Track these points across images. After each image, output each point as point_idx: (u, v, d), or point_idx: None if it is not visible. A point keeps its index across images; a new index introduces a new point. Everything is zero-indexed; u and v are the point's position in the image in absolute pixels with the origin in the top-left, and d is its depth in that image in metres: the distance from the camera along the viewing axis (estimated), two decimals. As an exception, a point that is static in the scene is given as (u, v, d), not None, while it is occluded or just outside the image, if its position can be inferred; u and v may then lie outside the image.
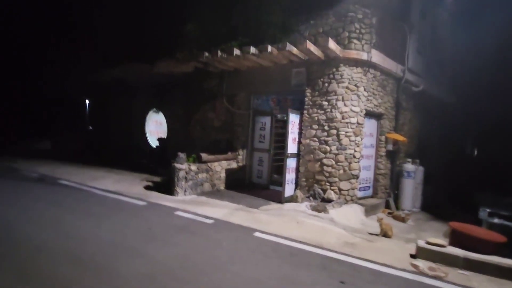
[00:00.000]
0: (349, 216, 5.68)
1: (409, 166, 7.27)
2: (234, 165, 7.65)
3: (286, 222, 4.97)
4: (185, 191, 6.34)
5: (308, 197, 6.30)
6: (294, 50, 5.73)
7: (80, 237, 3.75)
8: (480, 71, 9.98)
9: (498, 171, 9.43)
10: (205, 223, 4.70)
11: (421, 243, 3.90)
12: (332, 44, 5.51)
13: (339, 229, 4.92)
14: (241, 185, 7.64)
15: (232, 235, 4.24)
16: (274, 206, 5.92)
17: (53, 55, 11.23)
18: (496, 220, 4.28)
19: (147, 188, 6.85)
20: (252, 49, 6.07)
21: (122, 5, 8.17)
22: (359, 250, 4.00)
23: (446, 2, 8.68)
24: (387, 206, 7.15)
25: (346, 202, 6.09)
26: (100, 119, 12.14)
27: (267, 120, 7.66)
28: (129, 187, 6.83)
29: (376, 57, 6.21)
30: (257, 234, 4.32)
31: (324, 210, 5.56)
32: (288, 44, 5.67)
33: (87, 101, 12.86)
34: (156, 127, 10.38)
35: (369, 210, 6.25)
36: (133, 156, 10.00)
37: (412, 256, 3.90)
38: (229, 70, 7.59)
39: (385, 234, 4.86)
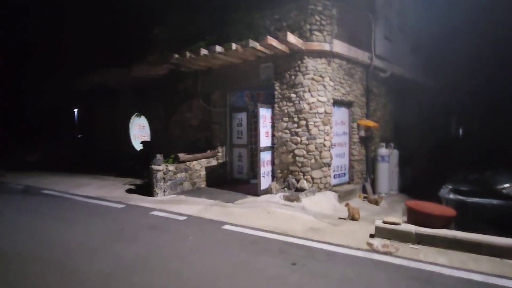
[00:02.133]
0: (322, 203, 5.88)
1: (382, 151, 7.47)
2: (214, 162, 7.83)
3: (257, 214, 5.17)
4: (164, 191, 6.52)
5: (283, 188, 6.49)
6: (257, 46, 5.87)
7: (51, 241, 3.94)
8: (458, 51, 10.14)
9: (486, 151, 9.58)
10: (178, 220, 4.89)
11: (378, 223, 4.10)
12: (292, 38, 5.66)
13: (308, 216, 5.12)
14: (223, 181, 7.83)
15: (201, 229, 4.43)
16: (249, 199, 6.11)
17: (31, 65, 11.31)
18: (451, 196, 4.48)
19: (129, 191, 7.03)
20: (218, 48, 6.21)
21: (94, 12, 8.26)
22: (320, 234, 4.20)
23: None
24: (364, 191, 7.37)
25: (320, 190, 6.29)
26: (86, 126, 12.27)
27: (243, 116, 7.82)
28: (111, 192, 7.01)
29: (339, 47, 6.36)
30: (226, 226, 4.52)
31: (297, 199, 5.76)
32: (251, 40, 5.81)
33: (75, 109, 12.96)
34: (140, 130, 10.54)
35: (343, 196, 6.45)
36: (119, 161, 10.16)
37: (371, 236, 4.11)
38: (203, 69, 7.73)
39: (352, 218, 5.07)
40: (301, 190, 6.16)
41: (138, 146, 10.23)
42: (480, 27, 10.26)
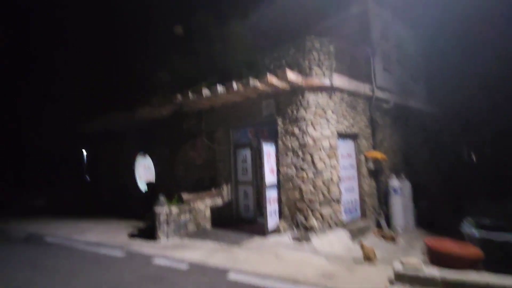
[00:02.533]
0: (334, 243, 5.50)
1: (394, 182, 7.15)
2: (219, 201, 7.59)
3: (265, 258, 4.83)
4: (167, 235, 6.25)
5: (291, 227, 6.15)
6: (258, 84, 5.95)
7: (44, 299, 3.67)
8: (459, 76, 10.16)
9: (501, 177, 9.15)
10: (179, 269, 4.57)
11: (398, 267, 3.73)
12: (291, 75, 5.74)
13: (320, 258, 4.76)
14: (229, 221, 7.52)
15: (204, 280, 4.11)
16: (256, 240, 5.77)
17: (38, 110, 11.76)
18: (475, 232, 4.10)
19: (132, 235, 6.77)
20: (219, 88, 6.33)
21: (98, 56, 8.71)
22: (334, 281, 3.83)
23: (406, 21, 9.09)
24: (379, 226, 6.94)
25: (330, 228, 5.94)
26: (92, 169, 12.33)
27: (247, 153, 7.72)
28: (113, 237, 6.75)
29: (339, 80, 6.41)
30: (231, 276, 4.18)
31: (306, 239, 5.41)
32: (251, 79, 5.92)
33: (80, 152, 13.14)
34: (145, 171, 10.47)
35: (357, 234, 6.05)
36: (124, 203, 10.00)
37: (391, 282, 3.72)
38: (206, 108, 7.84)
39: (368, 258, 4.67)
40: (311, 228, 5.81)
41: (143, 187, 10.11)
42: (476, 53, 10.37)
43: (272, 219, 6.29)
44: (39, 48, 11.43)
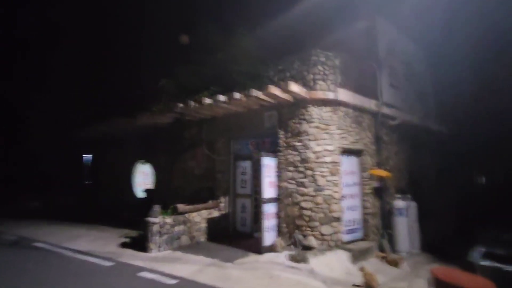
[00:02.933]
0: (333, 265, 5.18)
1: (399, 203, 6.83)
2: (216, 214, 7.34)
3: (258, 278, 4.54)
4: (159, 246, 5.99)
5: (289, 245, 5.85)
6: (260, 95, 5.81)
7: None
8: (467, 95, 9.93)
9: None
10: (167, 284, 4.31)
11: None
12: (294, 87, 5.59)
13: (317, 283, 4.46)
14: (225, 234, 7.24)
15: (191, 298, 3.84)
16: (251, 258, 5.48)
17: (38, 113, 11.84)
18: (486, 262, 3.79)
19: (123, 245, 6.52)
20: (221, 97, 6.21)
21: (100, 63, 8.76)
22: (330, 309, 3.52)
23: (413, 37, 8.98)
24: (382, 249, 6.57)
25: (330, 248, 5.62)
26: (91, 174, 12.22)
27: (247, 165, 7.52)
28: (104, 246, 6.52)
29: (344, 95, 6.24)
30: (220, 295, 3.91)
31: (304, 260, 5.11)
32: (253, 90, 5.79)
33: (80, 157, 13.09)
34: (143, 178, 10.32)
35: (358, 256, 5.71)
36: (120, 210, 9.79)
37: (392, 313, 3.40)
38: (207, 118, 7.72)
39: (368, 285, 4.35)
40: (309, 248, 5.51)
41: (141, 194, 9.93)
42: (486, 72, 10.15)
43: (269, 236, 6.00)
44: (42, 52, 11.63)
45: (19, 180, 13.35)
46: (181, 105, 6.73)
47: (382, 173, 6.65)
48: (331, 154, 5.97)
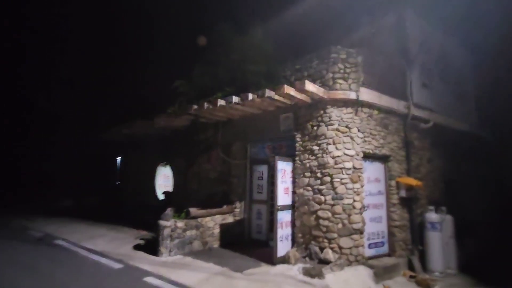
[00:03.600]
0: (352, 282, 4.67)
1: (432, 216, 6.08)
2: (230, 219, 7.10)
3: (266, 292, 4.18)
4: (170, 250, 5.86)
5: (304, 257, 5.41)
6: (274, 95, 5.50)
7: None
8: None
9: None
10: (169, 293, 4.12)
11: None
12: (311, 86, 5.20)
13: (331, 301, 3.99)
14: (240, 241, 6.97)
15: (189, 310, 3.59)
16: (262, 269, 5.13)
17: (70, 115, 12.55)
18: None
19: (137, 247, 6.51)
20: (235, 98, 5.99)
21: (120, 65, 9.00)
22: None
23: (452, 32, 8.13)
24: (411, 267, 5.87)
25: (350, 263, 5.09)
26: (120, 176, 12.64)
27: (264, 169, 7.22)
28: (118, 247, 6.55)
29: (368, 95, 5.71)
30: (221, 309, 3.62)
31: (319, 275, 4.65)
32: (267, 90, 5.49)
33: (113, 159, 13.60)
34: (164, 180, 10.41)
35: (382, 274, 5.12)
36: (142, 211, 9.93)
37: None
38: (223, 120, 7.55)
39: (391, 310, 3.80)
40: (326, 262, 5.03)
41: (161, 196, 10.00)
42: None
43: (284, 246, 5.62)
44: (68, 60, 12.33)
45: (54, 180, 14.25)
46: (195, 107, 6.62)
47: (411, 181, 5.98)
48: (352, 159, 5.46)
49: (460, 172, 7.78)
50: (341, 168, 5.38)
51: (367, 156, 5.79)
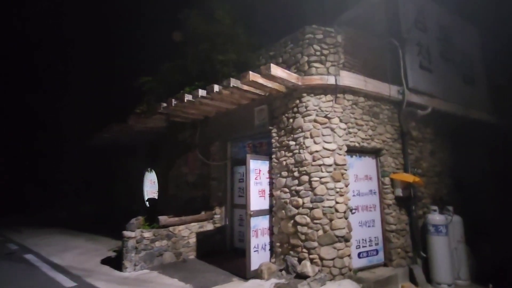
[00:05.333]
0: (332, 301, 3.88)
1: (435, 217, 5.19)
2: (209, 227, 6.44)
3: (222, 317, 3.47)
4: (135, 264, 5.26)
5: (281, 270, 4.66)
6: (240, 84, 4.82)
7: None
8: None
9: None
10: (107, 319, 3.49)
11: None
12: (278, 71, 4.48)
13: (299, 329, 3.23)
14: (220, 251, 6.30)
15: None
16: (230, 286, 4.43)
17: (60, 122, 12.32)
18: None
19: (105, 261, 5.95)
20: (201, 92, 5.36)
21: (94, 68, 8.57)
22: None
23: (454, 7, 7.19)
24: (412, 278, 5.00)
25: (333, 277, 4.30)
26: (107, 183, 12.28)
27: (245, 171, 6.52)
28: (86, 260, 6.03)
29: (351, 79, 4.93)
30: None
31: (292, 293, 3.89)
32: (232, 79, 4.83)
33: (100, 166, 13.27)
34: (151, 186, 9.90)
35: (373, 289, 4.29)
36: (129, 219, 9.44)
37: None
38: (200, 119, 6.93)
39: None
40: (303, 276, 4.26)
41: (147, 203, 9.49)
42: None
43: (259, 257, 4.90)
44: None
45: (50, 189, 14.12)
46: (164, 104, 6.04)
47: (408, 177, 5.11)
48: (333, 154, 4.67)
49: (471, 166, 6.78)
50: (320, 165, 4.61)
51: (352, 150, 5.00)
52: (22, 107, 13.63)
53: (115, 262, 5.66)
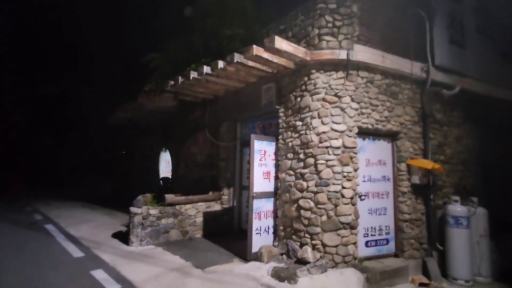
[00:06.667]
0: (331, 289, 3.69)
1: (456, 208, 4.73)
2: (217, 207, 6.41)
3: (215, 297, 3.42)
4: (141, 240, 5.38)
5: (282, 254, 4.52)
6: (244, 60, 4.55)
7: None
8: None
9: None
10: (105, 290, 3.57)
11: None
12: (283, 44, 4.14)
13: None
14: (227, 231, 6.30)
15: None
16: (228, 266, 4.37)
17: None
18: None
19: (115, 234, 6.16)
20: (206, 69, 5.16)
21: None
22: None
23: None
24: (426, 271, 4.66)
25: (335, 264, 4.09)
26: (130, 162, 12.70)
27: (254, 152, 6.34)
28: (99, 233, 6.30)
29: (366, 54, 4.47)
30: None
31: (290, 279, 3.75)
32: (236, 54, 4.56)
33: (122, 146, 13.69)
34: (166, 166, 10.09)
35: (377, 280, 4.04)
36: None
37: None
38: (210, 98, 6.78)
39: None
40: (304, 262, 4.09)
41: (161, 182, 9.71)
42: None
43: (261, 240, 4.80)
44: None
45: (78, 169, 15.01)
46: (171, 82, 5.93)
47: (427, 164, 4.66)
48: (342, 136, 4.34)
49: (503, 156, 6.08)
50: (327, 147, 4.30)
51: (365, 133, 4.62)
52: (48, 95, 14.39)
53: (124, 236, 5.83)
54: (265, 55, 4.36)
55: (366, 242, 4.56)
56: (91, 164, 14.75)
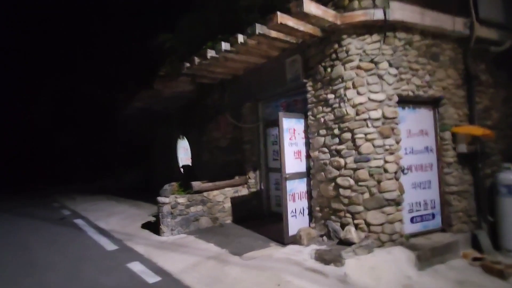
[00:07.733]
0: (382, 270, 3.44)
1: (508, 176, 4.32)
2: (244, 191, 6.23)
3: (259, 285, 3.24)
4: (172, 229, 5.28)
5: (322, 236, 4.30)
6: (267, 31, 4.15)
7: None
8: None
9: None
10: (145, 283, 3.46)
11: None
12: (312, 7, 3.70)
13: (346, 300, 2.89)
14: (257, 216, 6.12)
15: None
16: (267, 251, 4.19)
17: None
18: None
19: (145, 225, 6.11)
20: (224, 45, 4.79)
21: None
22: None
23: None
24: (476, 245, 4.34)
25: (382, 244, 3.83)
26: (149, 153, 12.65)
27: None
28: (128, 225, 6.27)
29: (404, 12, 3.98)
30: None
31: (335, 261, 3.53)
32: (257, 25, 4.16)
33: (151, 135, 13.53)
34: (185, 154, 9.93)
35: (428, 257, 3.76)
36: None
37: None
38: (228, 78, 6.43)
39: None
40: (347, 243, 3.85)
41: (181, 170, 9.60)
42: None
43: (297, 222, 4.57)
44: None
45: (101, 161, 15.19)
46: (187, 64, 5.60)
47: (476, 130, 4.23)
48: (381, 106, 3.95)
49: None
50: (365, 120, 3.93)
51: (405, 101, 4.20)
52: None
53: (154, 226, 5.76)
54: (290, 22, 3.93)
55: (412, 218, 4.25)
56: (112, 156, 14.85)
